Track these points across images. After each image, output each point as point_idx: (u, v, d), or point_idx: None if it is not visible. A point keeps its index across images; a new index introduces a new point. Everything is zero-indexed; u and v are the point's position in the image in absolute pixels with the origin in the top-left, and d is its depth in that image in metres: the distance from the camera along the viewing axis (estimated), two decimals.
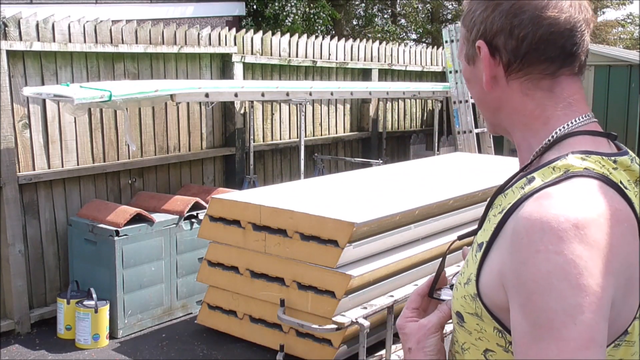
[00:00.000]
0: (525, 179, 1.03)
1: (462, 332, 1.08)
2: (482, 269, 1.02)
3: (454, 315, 1.10)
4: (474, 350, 1.06)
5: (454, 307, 1.09)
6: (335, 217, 3.97)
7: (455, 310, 1.08)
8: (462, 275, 1.08)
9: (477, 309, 1.03)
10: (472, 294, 1.03)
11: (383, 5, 17.95)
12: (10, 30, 4.61)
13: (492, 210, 1.08)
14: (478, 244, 1.05)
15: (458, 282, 1.09)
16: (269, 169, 7.02)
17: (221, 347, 4.58)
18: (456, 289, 1.08)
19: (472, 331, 1.05)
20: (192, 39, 5.91)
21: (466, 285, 1.05)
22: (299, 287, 4.13)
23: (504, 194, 1.07)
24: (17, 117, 4.74)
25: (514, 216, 0.98)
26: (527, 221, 0.93)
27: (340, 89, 6.69)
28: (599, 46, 11.46)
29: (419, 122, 9.29)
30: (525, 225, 0.93)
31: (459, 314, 1.07)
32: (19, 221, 4.74)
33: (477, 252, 1.04)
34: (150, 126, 5.69)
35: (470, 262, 1.06)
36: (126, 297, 4.76)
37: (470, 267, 1.05)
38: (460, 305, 1.06)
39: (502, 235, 1.00)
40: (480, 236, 1.07)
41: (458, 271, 1.14)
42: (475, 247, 1.06)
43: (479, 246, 1.04)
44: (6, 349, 4.56)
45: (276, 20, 11.64)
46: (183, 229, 5.09)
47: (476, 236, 1.09)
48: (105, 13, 7.11)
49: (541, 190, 0.97)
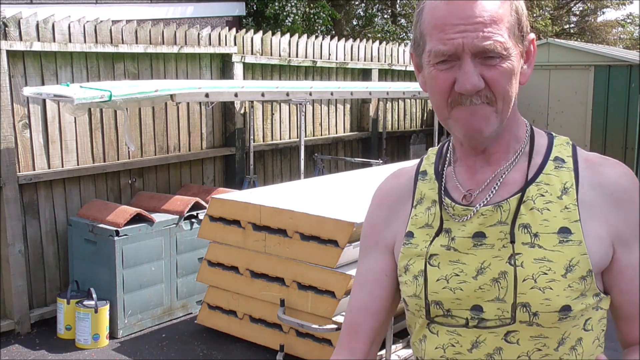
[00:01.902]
0: (552, 162, 1.17)
1: (563, 325, 1.12)
2: (586, 242, 1.11)
3: (550, 316, 1.11)
4: (575, 331, 1.13)
5: (555, 306, 1.10)
6: (335, 217, 3.96)
7: (560, 307, 1.10)
8: (548, 273, 1.11)
9: (585, 286, 1.11)
10: (582, 276, 1.11)
11: (383, 5, 17.94)
12: (10, 30, 4.61)
13: (537, 201, 1.14)
14: (558, 232, 1.12)
15: (548, 281, 1.10)
16: (269, 169, 7.02)
17: (221, 347, 4.58)
18: (549, 288, 1.10)
19: (577, 313, 1.12)
20: (192, 39, 5.91)
21: (568, 273, 1.10)
22: (299, 287, 4.13)
23: (535, 183, 1.16)
24: (17, 117, 4.74)
25: (591, 184, 1.14)
26: (626, 181, 1.15)
27: (340, 89, 6.69)
28: (599, 46, 11.47)
29: (419, 122, 9.29)
30: (627, 185, 1.15)
31: (566, 308, 1.11)
32: (19, 221, 4.74)
33: (565, 237, 1.11)
34: (150, 126, 5.69)
35: (557, 254, 1.11)
36: (126, 297, 4.76)
37: (563, 256, 1.11)
38: (565, 298, 1.10)
39: (588, 207, 1.13)
40: (546, 226, 1.12)
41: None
42: (553, 237, 1.12)
43: (562, 232, 1.12)
44: (6, 349, 4.56)
45: (276, 20, 11.63)
46: (183, 229, 5.09)
47: (536, 235, 1.13)
48: (105, 13, 7.10)
49: (592, 157, 1.19)
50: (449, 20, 1.07)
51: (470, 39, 1.06)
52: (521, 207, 1.14)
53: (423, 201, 1.24)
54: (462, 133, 1.14)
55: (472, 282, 1.14)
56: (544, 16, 19.88)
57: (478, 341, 1.15)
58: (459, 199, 1.19)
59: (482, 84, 1.08)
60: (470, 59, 1.07)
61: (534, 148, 1.19)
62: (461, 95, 1.09)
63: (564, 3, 21.73)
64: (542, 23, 18.82)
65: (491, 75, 1.08)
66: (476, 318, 1.14)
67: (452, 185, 1.22)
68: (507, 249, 1.13)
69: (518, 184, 1.16)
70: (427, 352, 1.21)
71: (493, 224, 1.15)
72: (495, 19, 1.07)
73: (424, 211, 1.23)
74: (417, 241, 1.22)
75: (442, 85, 1.10)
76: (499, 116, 1.12)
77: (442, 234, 1.19)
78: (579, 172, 1.16)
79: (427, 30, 1.11)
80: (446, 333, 1.18)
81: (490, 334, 1.14)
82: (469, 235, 1.16)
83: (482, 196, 1.18)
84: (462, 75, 1.07)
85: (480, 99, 1.09)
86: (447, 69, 1.09)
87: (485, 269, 1.14)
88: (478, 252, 1.15)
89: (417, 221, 1.24)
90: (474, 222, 1.16)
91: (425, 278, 1.18)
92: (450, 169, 1.23)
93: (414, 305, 1.21)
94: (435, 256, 1.18)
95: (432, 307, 1.18)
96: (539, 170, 1.17)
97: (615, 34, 23.81)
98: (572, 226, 1.12)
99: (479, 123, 1.11)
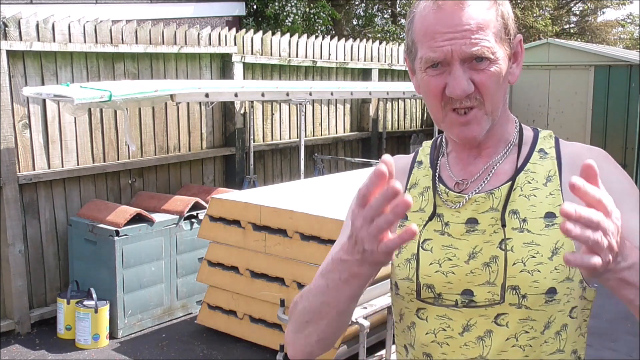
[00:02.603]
0: (537, 153, 1.23)
1: (549, 308, 1.15)
2: None
3: (538, 298, 1.14)
4: (560, 317, 1.17)
5: (542, 288, 1.14)
6: (335, 217, 3.97)
7: (546, 289, 1.14)
8: (536, 256, 1.14)
9: (570, 269, 1.14)
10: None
11: (383, 5, 17.95)
12: (10, 30, 4.61)
13: (524, 188, 1.20)
14: (544, 217, 1.16)
15: (536, 264, 1.14)
16: (269, 169, 7.02)
17: (221, 347, 4.58)
18: (537, 271, 1.14)
19: (562, 297, 1.15)
20: (192, 39, 5.91)
21: (554, 256, 1.14)
22: (299, 287, 4.13)
23: (524, 171, 1.21)
24: (17, 117, 4.74)
25: (570, 169, 1.19)
26: (600, 155, 1.19)
27: (340, 89, 6.69)
28: (599, 46, 11.47)
29: (419, 122, 9.30)
30: (597, 155, 1.19)
31: (552, 290, 1.14)
32: (19, 221, 4.74)
33: (550, 221, 1.16)
34: (150, 126, 5.69)
35: (544, 237, 1.15)
36: (126, 297, 4.76)
37: (549, 239, 1.15)
38: (551, 280, 1.14)
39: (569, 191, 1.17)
40: (533, 212, 1.17)
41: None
42: (540, 222, 1.16)
43: (548, 216, 1.16)
44: (6, 349, 4.56)
45: (276, 20, 11.63)
46: (183, 229, 5.09)
47: (524, 220, 1.17)
48: (105, 13, 7.10)
49: (571, 146, 1.24)
50: (438, 29, 1.13)
51: (458, 46, 1.12)
52: (511, 194, 1.19)
53: (416, 186, 1.30)
54: (456, 137, 1.21)
55: (463, 267, 1.18)
56: (544, 16, 19.88)
57: (469, 324, 1.18)
58: (452, 186, 1.25)
59: (471, 88, 1.14)
60: (459, 65, 1.13)
61: (523, 140, 1.26)
62: (452, 98, 1.15)
63: (564, 3, 21.74)
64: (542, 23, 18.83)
65: (480, 79, 1.14)
66: (466, 301, 1.18)
67: (446, 175, 1.27)
68: (498, 234, 1.17)
69: (508, 174, 1.22)
70: (417, 338, 1.24)
71: (485, 211, 1.20)
72: (481, 25, 1.13)
73: (417, 196, 1.28)
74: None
75: (434, 90, 1.16)
76: (490, 117, 1.18)
77: (435, 219, 1.23)
78: (561, 160, 1.22)
79: (418, 38, 1.17)
80: (436, 318, 1.21)
81: (481, 317, 1.17)
82: (462, 221, 1.21)
83: (474, 185, 1.23)
84: (452, 80, 1.13)
85: (471, 102, 1.15)
86: (438, 74, 1.15)
87: (477, 254, 1.18)
88: (470, 237, 1.19)
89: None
90: (468, 209, 1.21)
91: (417, 261, 1.22)
92: (444, 159, 1.29)
93: (405, 288, 1.24)
94: (428, 240, 1.23)
95: (423, 290, 1.21)
96: (526, 160, 1.23)
97: (615, 34, 23.82)
98: (556, 210, 1.17)
99: (471, 131, 1.18)
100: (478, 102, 1.15)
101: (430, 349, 1.22)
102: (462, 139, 1.20)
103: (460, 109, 1.16)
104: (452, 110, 1.16)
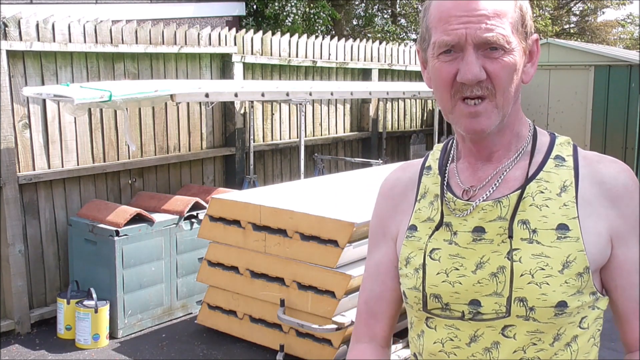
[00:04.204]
0: (552, 161, 1.18)
1: (558, 321, 1.12)
2: (584, 239, 1.12)
3: (546, 311, 1.12)
4: (570, 328, 1.14)
5: (551, 302, 1.11)
6: (335, 217, 3.96)
7: (556, 303, 1.11)
8: (545, 268, 1.12)
9: (582, 283, 1.12)
10: (578, 272, 1.12)
11: (383, 5, 17.95)
12: (10, 30, 4.61)
13: (536, 197, 1.15)
14: (556, 228, 1.13)
15: (545, 276, 1.12)
16: (269, 169, 7.02)
17: (221, 347, 4.58)
18: (546, 284, 1.11)
19: (573, 310, 1.13)
20: (192, 39, 5.91)
21: (565, 269, 1.11)
22: (299, 287, 4.13)
23: (536, 180, 1.17)
24: (17, 117, 4.74)
25: (590, 181, 1.15)
26: (625, 177, 1.16)
27: (340, 89, 6.68)
28: (599, 46, 11.46)
29: (419, 122, 9.29)
30: (626, 181, 1.15)
31: (562, 303, 1.11)
32: (19, 221, 4.74)
33: (563, 233, 1.12)
34: (150, 126, 5.69)
35: (555, 250, 1.11)
36: (126, 297, 4.76)
37: (561, 252, 1.12)
38: (561, 294, 1.11)
39: (587, 204, 1.14)
40: (544, 222, 1.13)
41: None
42: (551, 233, 1.13)
43: (560, 228, 1.13)
44: (6, 349, 4.56)
45: (276, 20, 11.63)
46: (183, 229, 5.09)
47: (534, 231, 1.14)
48: (105, 13, 7.10)
49: (593, 157, 1.19)
50: (454, 13, 1.10)
51: (473, 30, 1.09)
52: (521, 204, 1.15)
53: (426, 195, 1.27)
54: (464, 129, 1.16)
55: (471, 277, 1.16)
56: (544, 16, 19.87)
57: (476, 335, 1.16)
58: (460, 194, 1.21)
59: (483, 75, 1.10)
60: (473, 50, 1.10)
61: (536, 146, 1.21)
62: (463, 85, 1.11)
63: (564, 3, 21.73)
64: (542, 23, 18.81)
65: (493, 68, 1.10)
66: (473, 312, 1.16)
67: (454, 182, 1.24)
68: (506, 244, 1.14)
69: (519, 181, 1.18)
70: (426, 347, 1.23)
71: (493, 219, 1.16)
72: (498, 12, 1.10)
73: (427, 205, 1.25)
74: (420, 234, 1.24)
75: (445, 77, 1.13)
76: (500, 111, 1.14)
77: (443, 228, 1.21)
78: (579, 170, 1.17)
79: (433, 23, 1.14)
80: (444, 327, 1.19)
81: (488, 328, 1.15)
82: (469, 229, 1.18)
83: (482, 192, 1.19)
84: (464, 66, 1.10)
85: (482, 90, 1.11)
86: (450, 60, 1.12)
87: (484, 264, 1.15)
88: (477, 246, 1.16)
89: (420, 215, 1.26)
90: (475, 217, 1.17)
91: (424, 271, 1.20)
92: (453, 165, 1.25)
93: (412, 297, 1.23)
94: (437, 250, 1.20)
95: (430, 300, 1.19)
96: (539, 167, 1.18)
97: (615, 34, 23.81)
98: (570, 223, 1.13)
99: (480, 123, 1.13)
100: (489, 92, 1.11)
101: (437, 358, 1.21)
102: (470, 132, 1.15)
103: (470, 99, 1.12)
104: (462, 100, 1.12)
